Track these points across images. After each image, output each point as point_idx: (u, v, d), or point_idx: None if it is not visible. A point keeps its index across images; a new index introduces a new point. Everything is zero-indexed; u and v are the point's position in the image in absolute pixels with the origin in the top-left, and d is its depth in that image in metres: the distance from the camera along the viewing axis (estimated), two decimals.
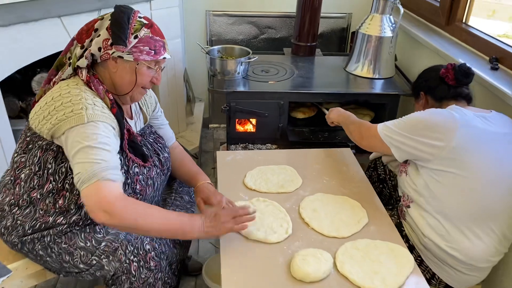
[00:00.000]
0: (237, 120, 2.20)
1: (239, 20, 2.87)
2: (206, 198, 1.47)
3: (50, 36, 1.87)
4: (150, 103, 1.57)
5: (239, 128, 2.25)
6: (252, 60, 2.23)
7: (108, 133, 1.20)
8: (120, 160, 1.27)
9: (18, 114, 2.16)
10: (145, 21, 1.29)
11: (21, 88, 2.18)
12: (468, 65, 1.56)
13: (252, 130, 2.24)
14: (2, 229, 1.34)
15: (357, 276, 1.24)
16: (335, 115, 1.84)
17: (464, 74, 1.53)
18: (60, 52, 1.36)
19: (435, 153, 1.40)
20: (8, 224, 1.32)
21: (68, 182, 1.27)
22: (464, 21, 2.16)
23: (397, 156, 1.49)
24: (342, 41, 2.99)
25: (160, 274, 1.36)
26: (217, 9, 2.83)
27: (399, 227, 1.58)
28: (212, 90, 2.15)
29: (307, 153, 1.87)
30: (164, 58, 1.32)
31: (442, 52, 2.05)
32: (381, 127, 1.52)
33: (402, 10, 2.18)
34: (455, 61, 1.91)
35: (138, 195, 1.36)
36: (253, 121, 2.21)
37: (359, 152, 1.92)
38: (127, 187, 1.32)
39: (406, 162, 1.57)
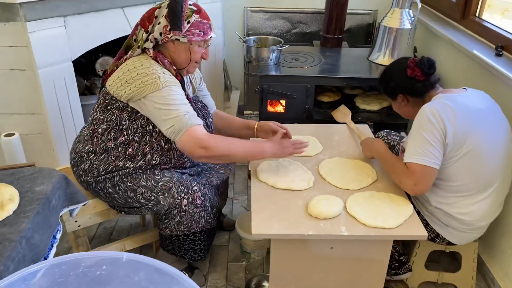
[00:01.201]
0: (268, 101, 2.50)
1: (274, 15, 3.16)
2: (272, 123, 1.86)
3: (113, 23, 2.23)
4: (196, 78, 1.89)
5: (270, 108, 2.54)
6: (284, 48, 2.52)
7: (181, 92, 1.55)
8: None
9: (83, 91, 2.54)
10: (194, 8, 1.60)
11: (86, 70, 2.55)
12: (426, 56, 1.65)
13: (281, 111, 2.53)
14: (80, 172, 1.68)
15: (362, 216, 1.50)
16: (368, 153, 1.84)
17: (429, 67, 1.63)
18: (122, 37, 1.70)
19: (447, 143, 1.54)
20: (86, 167, 1.67)
21: (137, 135, 1.61)
22: (477, 15, 2.37)
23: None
24: (368, 35, 3.24)
25: (204, 212, 1.67)
26: (254, 5, 3.14)
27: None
28: (247, 74, 2.46)
29: (329, 127, 2.14)
30: (211, 37, 1.63)
31: (456, 43, 2.26)
32: (412, 159, 1.54)
33: (419, 4, 2.42)
34: (468, 51, 2.12)
35: None
36: (283, 102, 2.50)
37: (377, 129, 2.17)
38: None
39: None
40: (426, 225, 1.73)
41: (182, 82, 1.63)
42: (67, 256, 1.12)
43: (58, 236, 1.41)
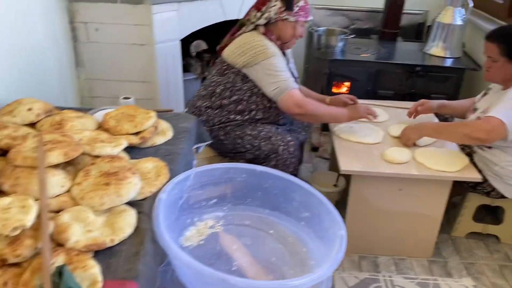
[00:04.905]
0: (334, 82, 2.90)
1: (335, 12, 3.58)
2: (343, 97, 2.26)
3: (210, 11, 2.68)
4: (290, 57, 2.28)
5: (335, 90, 2.93)
6: (350, 37, 2.92)
7: (283, 61, 1.98)
8: None
9: None
10: None
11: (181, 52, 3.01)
12: None
13: (345, 92, 2.92)
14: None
15: (429, 162, 1.89)
16: (416, 134, 2.02)
17: None
18: (215, 24, 2.23)
19: None
20: (204, 119, 2.10)
21: (246, 95, 2.03)
22: None
23: None
24: (418, 33, 3.60)
25: (294, 159, 2.07)
26: (318, 3, 3.56)
27: (470, 155, 2.07)
28: (317, 58, 2.88)
29: (395, 103, 2.53)
30: (310, 19, 2.05)
31: None
32: (498, 115, 1.77)
33: (471, 4, 2.79)
34: None
35: None
36: (347, 84, 2.89)
37: None
38: None
39: None
40: (485, 181, 2.02)
41: (283, 55, 2.05)
42: (220, 164, 1.55)
43: (194, 163, 1.84)
